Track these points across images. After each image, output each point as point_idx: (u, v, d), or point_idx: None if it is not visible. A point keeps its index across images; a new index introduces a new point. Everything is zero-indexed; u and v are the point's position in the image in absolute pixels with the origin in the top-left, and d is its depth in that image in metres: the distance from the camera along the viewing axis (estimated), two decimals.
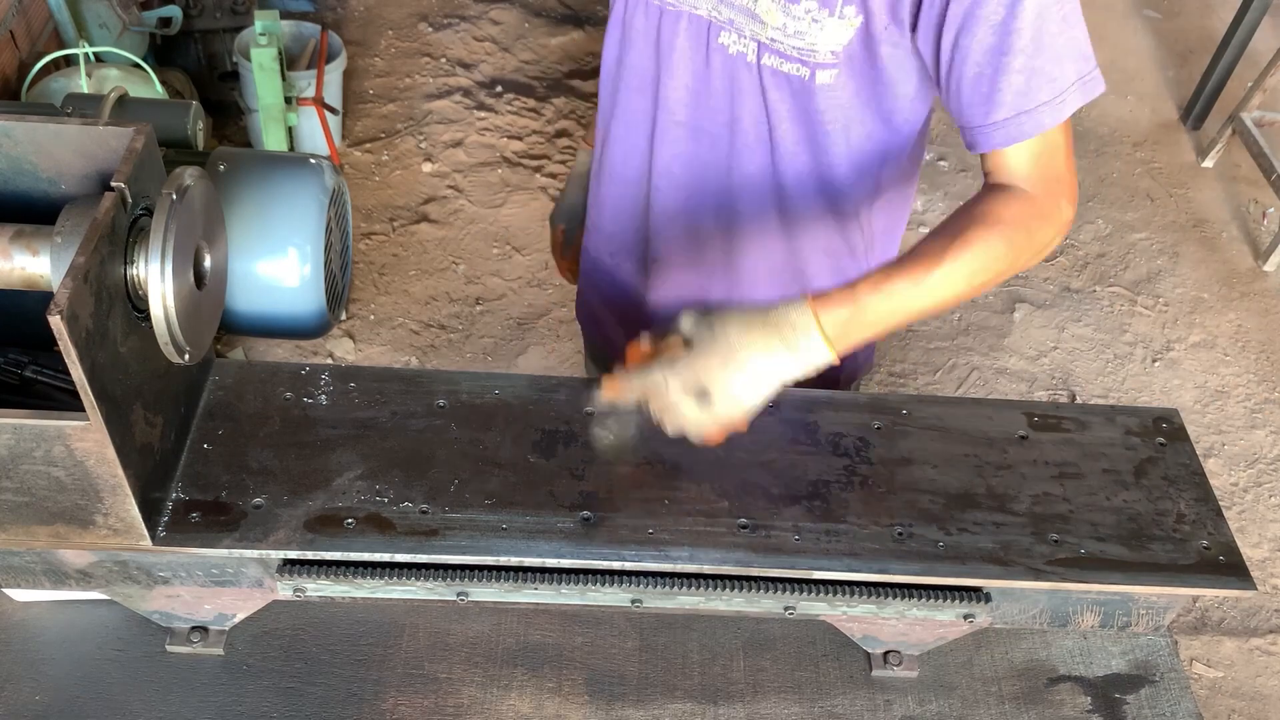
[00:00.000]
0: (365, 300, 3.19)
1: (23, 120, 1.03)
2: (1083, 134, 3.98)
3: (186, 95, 3.27)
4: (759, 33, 1.23)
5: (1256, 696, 2.54)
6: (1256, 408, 3.14)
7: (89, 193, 1.06)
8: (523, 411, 1.26)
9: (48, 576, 1.16)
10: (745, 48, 1.25)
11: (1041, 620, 1.24)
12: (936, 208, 3.62)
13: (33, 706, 1.15)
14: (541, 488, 1.18)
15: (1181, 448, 1.29)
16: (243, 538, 1.11)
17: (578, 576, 1.14)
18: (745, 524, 1.16)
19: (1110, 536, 1.19)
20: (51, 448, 0.98)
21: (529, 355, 3.12)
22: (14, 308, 1.18)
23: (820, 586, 1.16)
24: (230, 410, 1.22)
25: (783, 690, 1.22)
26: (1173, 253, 3.58)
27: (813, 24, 1.19)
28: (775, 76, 1.26)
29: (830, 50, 1.21)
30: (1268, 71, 3.57)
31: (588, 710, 1.19)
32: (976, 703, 1.23)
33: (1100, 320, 3.35)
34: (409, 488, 1.16)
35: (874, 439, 1.26)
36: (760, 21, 1.22)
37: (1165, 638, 1.30)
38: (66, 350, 0.89)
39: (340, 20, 4.13)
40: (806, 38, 1.20)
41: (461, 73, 3.96)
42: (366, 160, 3.61)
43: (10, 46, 2.85)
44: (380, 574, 1.14)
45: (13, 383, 1.22)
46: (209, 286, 1.09)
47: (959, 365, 3.18)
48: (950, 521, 1.19)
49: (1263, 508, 2.91)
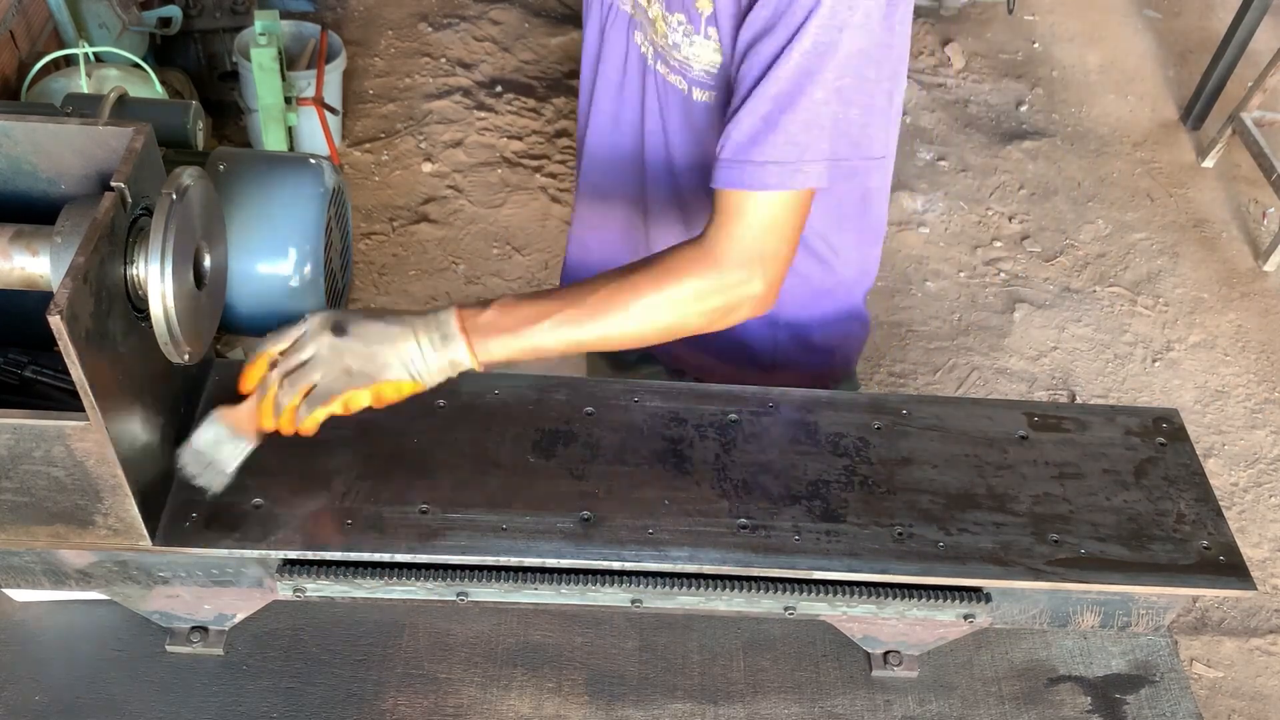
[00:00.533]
0: (365, 300, 3.19)
1: (23, 120, 1.03)
2: (1083, 134, 3.98)
3: (186, 95, 3.27)
4: (654, 38, 1.26)
5: (1256, 696, 2.54)
6: (1256, 408, 3.14)
7: (89, 193, 1.06)
8: (523, 411, 1.26)
9: (48, 576, 1.16)
10: (646, 50, 1.29)
11: (1041, 620, 1.24)
12: (936, 207, 3.62)
13: (33, 706, 1.15)
14: (541, 488, 1.18)
15: (1181, 448, 1.29)
16: (243, 538, 1.10)
17: (578, 576, 1.14)
18: (745, 524, 1.16)
19: (1110, 536, 1.19)
20: (51, 448, 0.98)
21: None
22: (14, 308, 1.18)
23: (820, 586, 1.16)
24: None
25: (783, 690, 1.22)
26: (1173, 253, 3.58)
27: (684, 38, 1.20)
28: (664, 83, 1.29)
29: (704, 69, 1.21)
30: (1268, 71, 3.57)
31: (588, 710, 1.19)
32: (976, 703, 1.23)
33: (1100, 320, 3.34)
34: (409, 488, 1.16)
35: (874, 439, 1.26)
36: (654, 28, 1.25)
37: (1165, 638, 1.30)
38: (66, 350, 0.89)
39: (340, 20, 4.13)
40: (682, 50, 1.22)
41: (461, 73, 3.96)
42: (366, 160, 3.61)
43: (10, 46, 2.85)
44: (380, 574, 1.14)
45: (13, 383, 1.22)
46: (209, 286, 1.09)
47: (959, 365, 3.18)
48: (950, 521, 1.19)
49: (1263, 508, 2.90)
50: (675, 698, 1.21)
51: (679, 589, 1.14)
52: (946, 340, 3.24)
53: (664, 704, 1.20)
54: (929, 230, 3.56)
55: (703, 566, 1.14)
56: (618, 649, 1.25)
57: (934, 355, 3.20)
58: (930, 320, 3.28)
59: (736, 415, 1.27)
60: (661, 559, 1.13)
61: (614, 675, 1.22)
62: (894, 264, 3.43)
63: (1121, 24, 4.52)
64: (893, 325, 3.25)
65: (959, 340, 3.25)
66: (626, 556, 1.13)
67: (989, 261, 3.49)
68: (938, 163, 3.81)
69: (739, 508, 1.18)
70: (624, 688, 1.21)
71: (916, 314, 3.29)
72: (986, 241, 3.56)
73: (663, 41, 1.24)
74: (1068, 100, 4.13)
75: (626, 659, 1.24)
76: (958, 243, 3.54)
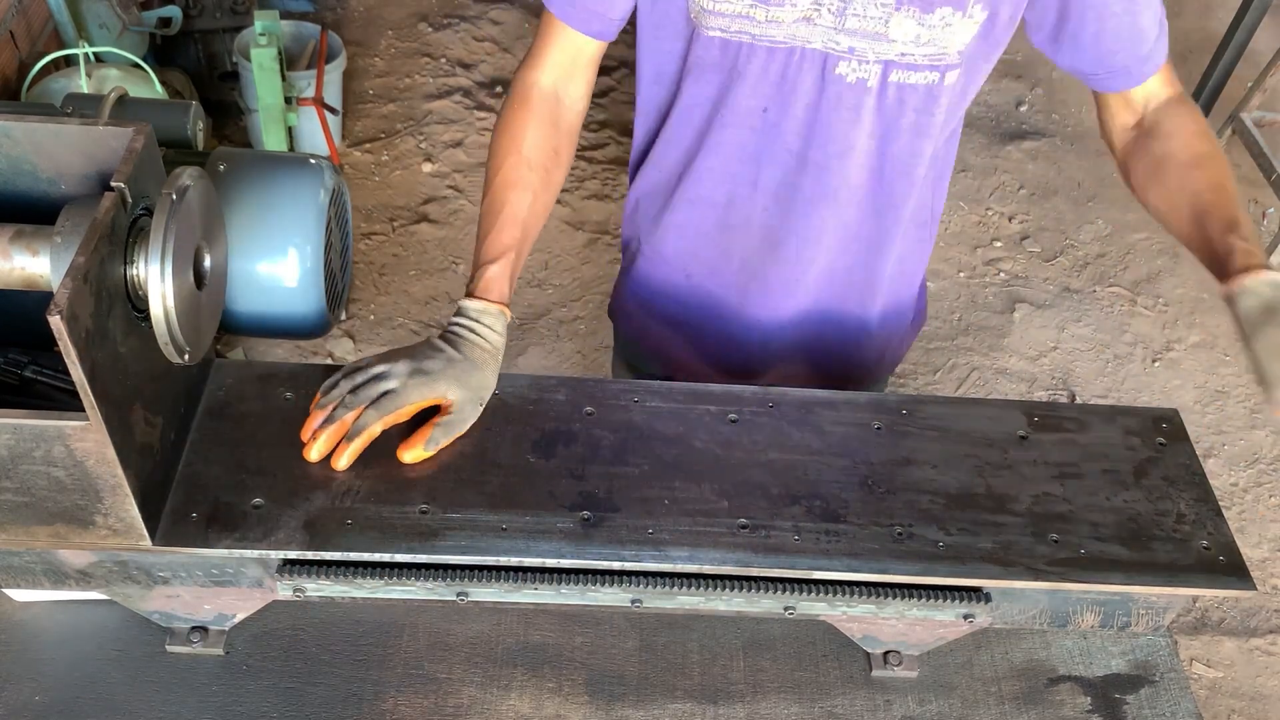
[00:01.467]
0: (365, 300, 3.19)
1: (23, 120, 1.03)
2: (1083, 134, 3.98)
3: (186, 95, 3.27)
4: (885, 52, 1.24)
5: (1256, 696, 2.54)
6: (1256, 408, 3.14)
7: (89, 193, 1.06)
8: (522, 411, 1.26)
9: (48, 576, 1.16)
10: (867, 73, 1.26)
11: (1041, 620, 1.24)
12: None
13: (33, 706, 1.15)
14: (541, 488, 1.18)
15: (1181, 448, 1.29)
16: (243, 538, 1.10)
17: (578, 576, 1.14)
18: (745, 524, 1.17)
19: (1110, 536, 1.19)
20: (51, 448, 0.98)
21: (529, 355, 3.12)
22: (14, 308, 1.19)
23: (820, 586, 1.16)
24: (230, 410, 1.22)
25: (783, 690, 1.22)
26: (1173, 253, 3.58)
27: (945, 29, 1.21)
28: (901, 91, 1.27)
29: (957, 50, 1.24)
30: (1268, 71, 3.57)
31: (588, 710, 1.19)
32: (976, 703, 1.23)
33: (1100, 320, 3.35)
34: (409, 488, 1.16)
35: (874, 439, 1.26)
36: (889, 40, 1.22)
37: (1165, 638, 1.30)
38: (66, 350, 0.89)
39: (340, 20, 4.13)
40: (938, 44, 1.23)
41: (461, 73, 3.96)
42: (366, 160, 3.62)
43: (10, 46, 2.85)
44: (380, 574, 1.14)
45: (13, 383, 1.22)
46: (209, 286, 1.09)
47: (959, 365, 3.18)
48: (950, 521, 1.19)
49: (1263, 508, 2.91)
50: (675, 698, 1.21)
51: (679, 589, 1.14)
52: (946, 340, 3.24)
53: (664, 704, 1.20)
54: None
55: (703, 566, 1.14)
56: (618, 649, 1.25)
57: (934, 355, 3.20)
58: (930, 320, 3.28)
59: (736, 415, 1.27)
60: (661, 559, 1.13)
61: (614, 675, 1.23)
62: None
63: None
64: None
65: (959, 340, 3.25)
66: (626, 556, 1.13)
67: (989, 261, 3.50)
68: None
69: (739, 507, 1.18)
70: (624, 688, 1.21)
71: None
72: (986, 241, 3.56)
73: (908, 47, 1.23)
74: (1068, 100, 4.14)
75: (626, 659, 1.24)
76: (958, 243, 3.55)
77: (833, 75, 1.27)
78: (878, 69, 1.25)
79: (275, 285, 1.38)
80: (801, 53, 1.26)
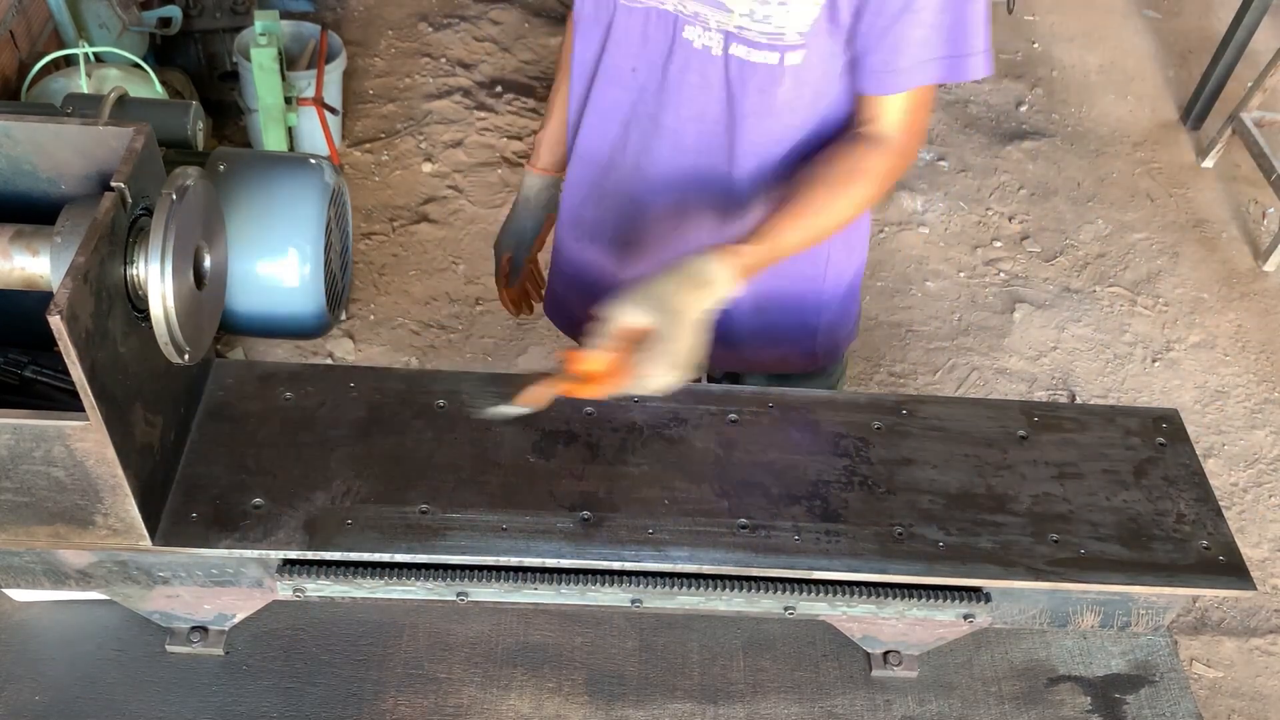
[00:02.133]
0: (365, 300, 3.19)
1: (23, 120, 1.03)
2: (1083, 134, 3.98)
3: (186, 95, 3.27)
4: (725, 22, 1.25)
5: (1256, 696, 2.54)
6: (1256, 408, 3.14)
7: (89, 193, 1.06)
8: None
9: (48, 576, 1.16)
10: (710, 40, 1.28)
11: (1041, 620, 1.24)
12: (936, 208, 3.62)
13: (33, 706, 1.15)
14: (541, 488, 1.18)
15: (1181, 448, 1.29)
16: (243, 538, 1.11)
17: (577, 576, 1.14)
18: (745, 524, 1.16)
19: (1110, 536, 1.19)
20: (51, 448, 0.98)
21: (529, 355, 3.12)
22: (14, 308, 1.18)
23: (820, 586, 1.16)
24: (230, 410, 1.22)
25: (783, 690, 1.22)
26: (1173, 253, 3.58)
27: (779, 7, 1.21)
28: (743, 67, 1.28)
29: (798, 31, 1.24)
30: (1268, 71, 3.57)
31: (588, 710, 1.19)
32: (976, 703, 1.23)
33: (1100, 320, 3.34)
34: (409, 488, 1.16)
35: (874, 439, 1.26)
36: (727, 10, 1.24)
37: (1165, 638, 1.30)
38: (66, 350, 0.89)
39: (340, 20, 4.13)
40: (774, 21, 1.23)
41: (461, 73, 3.96)
42: (366, 160, 3.61)
43: (10, 46, 2.85)
44: (380, 574, 1.14)
45: (13, 383, 1.22)
46: (209, 286, 1.09)
47: (959, 365, 3.18)
48: (950, 521, 1.19)
49: (1263, 508, 2.90)
50: (675, 698, 1.21)
51: (679, 589, 1.14)
52: (946, 340, 3.24)
53: (664, 704, 1.20)
54: (929, 230, 3.56)
55: (703, 566, 1.14)
56: (618, 649, 1.25)
57: (934, 355, 3.20)
58: (930, 320, 3.28)
59: (736, 415, 1.27)
60: (661, 559, 1.13)
61: (614, 675, 1.23)
62: (894, 264, 3.43)
63: (1121, 24, 4.52)
64: (893, 325, 3.25)
65: (959, 340, 3.25)
66: (626, 556, 1.13)
67: (989, 261, 3.49)
68: (938, 163, 3.81)
69: (739, 507, 1.18)
70: (624, 688, 1.21)
71: (916, 314, 3.29)
72: (986, 241, 3.56)
73: (743, 21, 1.24)
74: (1068, 100, 4.13)
75: (626, 659, 1.24)
76: (958, 243, 3.55)
77: (681, 39, 1.30)
78: (719, 38, 1.27)
79: (275, 285, 1.38)
80: (657, 14, 1.30)
